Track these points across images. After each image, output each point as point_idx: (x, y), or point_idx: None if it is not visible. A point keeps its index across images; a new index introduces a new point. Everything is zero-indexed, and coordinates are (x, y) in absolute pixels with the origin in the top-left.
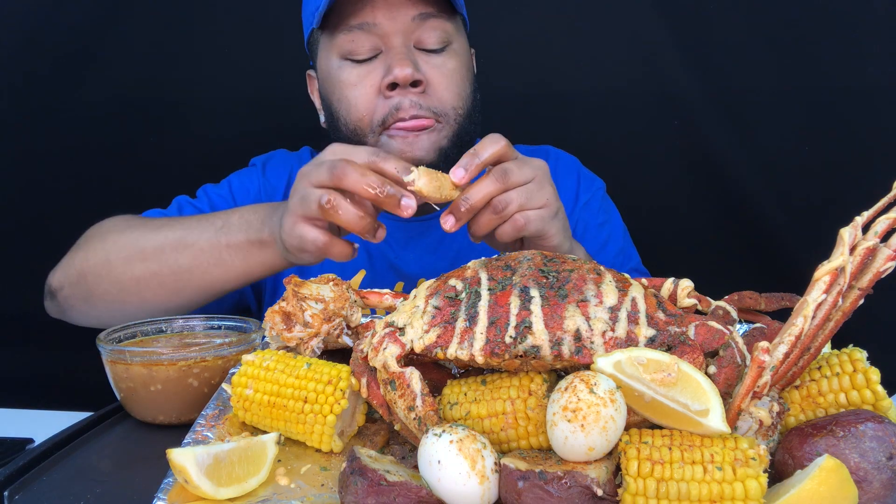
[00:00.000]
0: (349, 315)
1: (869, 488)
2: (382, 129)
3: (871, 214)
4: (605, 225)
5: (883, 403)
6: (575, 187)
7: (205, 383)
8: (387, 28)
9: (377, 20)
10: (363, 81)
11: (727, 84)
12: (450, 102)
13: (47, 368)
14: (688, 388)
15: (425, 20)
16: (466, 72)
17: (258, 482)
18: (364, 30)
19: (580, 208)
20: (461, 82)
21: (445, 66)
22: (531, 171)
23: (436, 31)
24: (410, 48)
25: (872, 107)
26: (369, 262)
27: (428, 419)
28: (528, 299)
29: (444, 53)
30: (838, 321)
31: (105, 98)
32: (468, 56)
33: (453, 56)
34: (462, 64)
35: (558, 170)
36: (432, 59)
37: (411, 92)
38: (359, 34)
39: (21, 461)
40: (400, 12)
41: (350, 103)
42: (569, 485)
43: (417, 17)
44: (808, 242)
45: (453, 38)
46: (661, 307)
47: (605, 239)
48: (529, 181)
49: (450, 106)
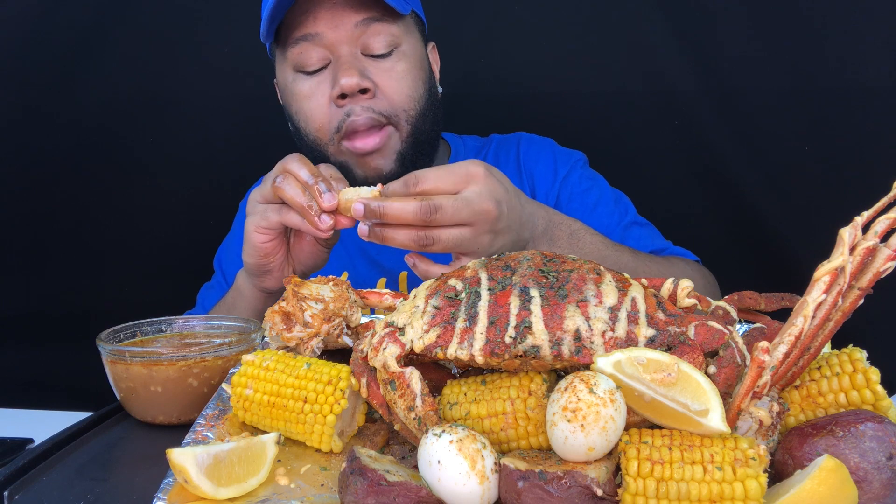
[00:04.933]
0: (349, 315)
1: (869, 488)
2: (340, 138)
3: (870, 214)
4: (592, 189)
5: (883, 403)
6: (552, 165)
7: (205, 383)
8: (331, 37)
9: (320, 30)
10: (315, 93)
11: (728, 84)
12: (400, 105)
13: (47, 368)
14: (688, 388)
15: (369, 25)
16: (419, 71)
17: (258, 482)
18: (310, 41)
19: (560, 182)
20: (412, 83)
21: (394, 70)
22: (469, 215)
23: (381, 35)
24: (357, 55)
25: (872, 107)
26: (349, 259)
27: (428, 419)
28: (527, 299)
29: (392, 57)
30: (838, 321)
31: (104, 98)
32: (421, 55)
33: (402, 58)
34: (413, 65)
35: (532, 153)
36: (381, 64)
37: (361, 98)
38: (306, 46)
39: (21, 461)
40: (342, 20)
41: (307, 115)
42: (569, 485)
43: (360, 22)
44: (808, 242)
45: (401, 40)
46: (660, 307)
47: (594, 202)
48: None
49: (401, 109)
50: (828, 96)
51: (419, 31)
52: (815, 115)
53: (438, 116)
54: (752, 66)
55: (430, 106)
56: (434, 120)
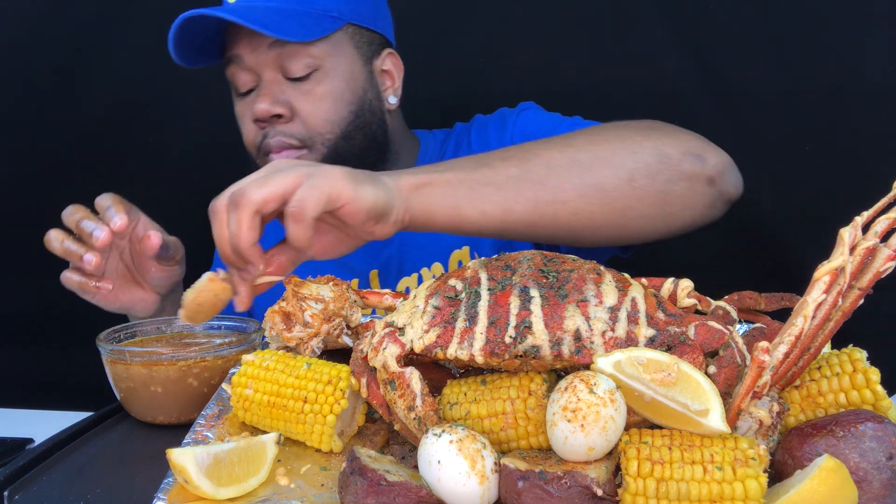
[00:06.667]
0: (349, 315)
1: (869, 488)
2: (263, 155)
3: (870, 214)
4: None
5: (883, 403)
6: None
7: (205, 383)
8: (250, 61)
9: (240, 52)
10: (245, 114)
11: (727, 83)
12: (316, 129)
13: (47, 368)
14: (688, 388)
15: (283, 47)
16: (344, 92)
17: (258, 482)
18: (236, 63)
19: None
20: (332, 106)
21: (312, 93)
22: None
23: (296, 57)
24: (278, 79)
25: (872, 107)
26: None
27: (428, 419)
28: (527, 299)
29: (310, 80)
30: (838, 321)
31: (105, 98)
32: (350, 73)
33: (323, 80)
34: (336, 86)
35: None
36: (301, 87)
37: (276, 123)
38: (235, 68)
39: (21, 461)
40: (258, 42)
41: (242, 133)
42: (569, 485)
43: (273, 44)
44: (808, 242)
45: (323, 61)
46: (661, 307)
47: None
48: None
49: (316, 132)
50: (828, 96)
51: (355, 46)
52: (815, 115)
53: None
54: (752, 66)
55: (362, 124)
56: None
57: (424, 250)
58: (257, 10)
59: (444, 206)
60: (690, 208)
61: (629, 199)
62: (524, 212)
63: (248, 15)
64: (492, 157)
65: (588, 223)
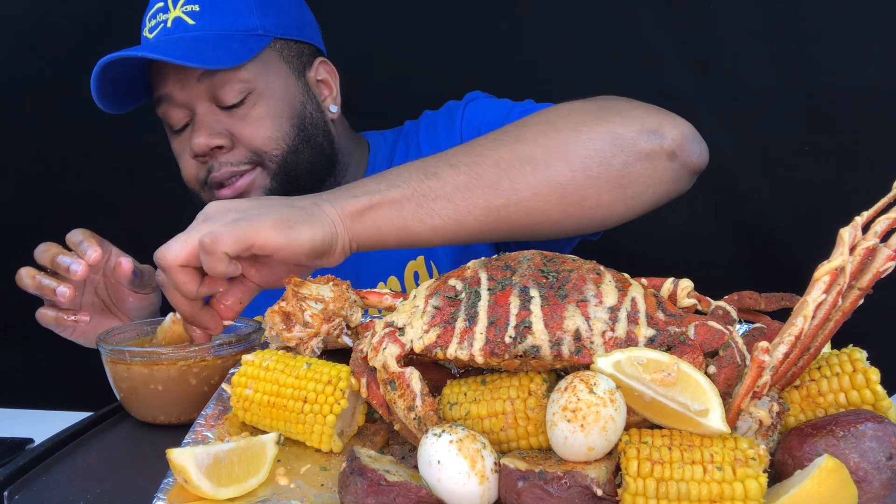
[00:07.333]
0: (349, 315)
1: (869, 488)
2: (210, 188)
3: (870, 214)
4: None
5: (883, 403)
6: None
7: (205, 383)
8: (181, 97)
9: (169, 90)
10: (183, 151)
11: (727, 83)
12: (261, 149)
13: (47, 368)
14: (688, 388)
15: (213, 76)
16: (283, 109)
17: (258, 482)
18: (167, 102)
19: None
20: (273, 124)
21: (249, 117)
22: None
23: (227, 84)
24: (212, 110)
25: (872, 107)
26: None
27: (428, 419)
28: (527, 299)
29: (245, 104)
30: (838, 321)
31: None
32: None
33: (258, 103)
34: (273, 104)
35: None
36: (236, 113)
37: (219, 154)
38: (166, 107)
39: (21, 461)
40: (186, 77)
41: (182, 170)
42: (569, 485)
43: (202, 76)
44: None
45: (255, 83)
46: (660, 307)
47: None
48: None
49: (262, 152)
50: (828, 96)
51: (285, 61)
52: (815, 115)
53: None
54: (752, 66)
55: (307, 137)
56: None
57: (378, 265)
58: (179, 44)
59: (392, 228)
60: (653, 187)
61: (585, 190)
62: (476, 220)
63: (171, 50)
64: (440, 165)
65: (544, 220)
